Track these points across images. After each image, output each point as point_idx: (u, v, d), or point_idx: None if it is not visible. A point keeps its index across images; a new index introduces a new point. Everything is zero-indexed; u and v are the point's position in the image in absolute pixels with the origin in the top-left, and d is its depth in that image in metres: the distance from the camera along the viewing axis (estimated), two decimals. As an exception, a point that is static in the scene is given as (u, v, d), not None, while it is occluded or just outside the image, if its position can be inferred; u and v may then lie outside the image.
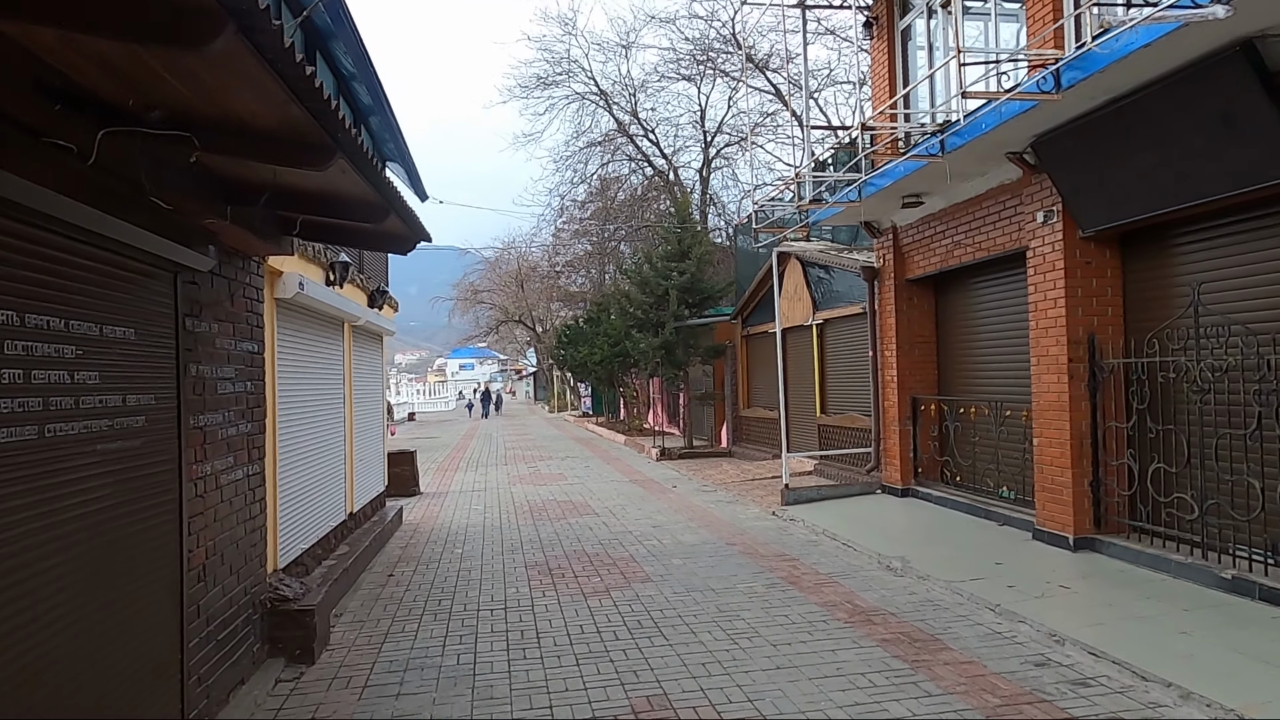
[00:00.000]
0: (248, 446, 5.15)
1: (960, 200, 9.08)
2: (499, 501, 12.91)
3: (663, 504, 12.02)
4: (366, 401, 9.96)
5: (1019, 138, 7.16)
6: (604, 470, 16.95)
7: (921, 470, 10.54)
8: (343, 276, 7.51)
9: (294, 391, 6.69)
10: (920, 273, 10.27)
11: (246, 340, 5.18)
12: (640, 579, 7.52)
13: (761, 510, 11.04)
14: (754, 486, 13.26)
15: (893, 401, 10.78)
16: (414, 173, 12.12)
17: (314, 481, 7.27)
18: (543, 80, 25.98)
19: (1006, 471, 8.81)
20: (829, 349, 13.97)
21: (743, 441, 18.59)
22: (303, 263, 6.69)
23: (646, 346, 19.11)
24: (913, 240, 10.33)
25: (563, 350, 32.34)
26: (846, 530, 8.96)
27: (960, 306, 10.11)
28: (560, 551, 8.88)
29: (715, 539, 9.23)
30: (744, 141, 24.55)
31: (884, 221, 10.84)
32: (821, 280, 14.08)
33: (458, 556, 8.82)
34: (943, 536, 8.40)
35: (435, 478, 16.56)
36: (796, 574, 7.44)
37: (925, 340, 10.70)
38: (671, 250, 19.27)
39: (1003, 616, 5.87)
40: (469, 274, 53.80)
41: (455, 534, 10.18)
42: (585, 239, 31.57)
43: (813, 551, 8.38)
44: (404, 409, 47.50)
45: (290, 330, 6.60)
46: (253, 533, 5.24)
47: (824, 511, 10.19)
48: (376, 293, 9.64)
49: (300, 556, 6.81)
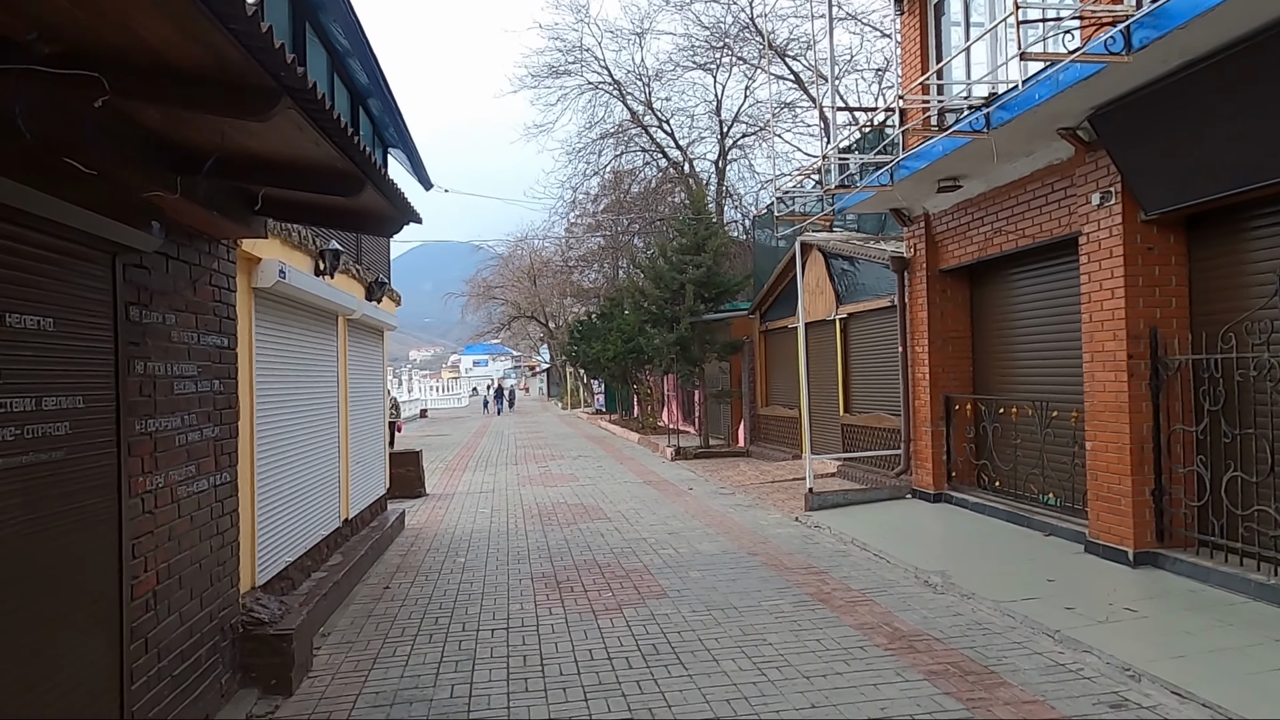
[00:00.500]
0: (214, 453, 4.58)
1: (1002, 184, 8.39)
2: (507, 504, 12.33)
3: (678, 508, 11.41)
4: (365, 400, 9.40)
5: (1075, 110, 6.47)
6: (617, 471, 16.35)
7: (955, 474, 9.87)
8: (334, 265, 6.93)
9: (277, 390, 6.12)
10: (955, 263, 9.58)
11: (214, 333, 4.60)
12: (655, 594, 6.91)
13: (783, 516, 10.39)
14: (774, 489, 12.62)
15: (924, 400, 10.11)
16: (417, 159, 11.55)
17: (301, 488, 6.71)
18: (554, 69, 25.39)
19: (1052, 477, 8.13)
20: (853, 345, 13.29)
21: (760, 441, 17.94)
22: (286, 249, 6.11)
23: (661, 342, 18.48)
24: (947, 228, 9.64)
25: (575, 346, 31.77)
26: (877, 539, 8.31)
27: (998, 299, 9.42)
28: (569, 561, 8.28)
29: (735, 548, 8.61)
30: (762, 131, 23.85)
31: (915, 209, 10.15)
32: (845, 273, 13.40)
33: (460, 566, 8.24)
34: (983, 547, 7.73)
35: (443, 478, 16.02)
36: (826, 590, 6.81)
37: (959, 335, 10.01)
38: (687, 243, 18.62)
39: (1064, 644, 5.21)
40: (481, 270, 53.41)
41: (459, 540, 9.61)
42: (598, 233, 30.97)
43: (842, 563, 7.74)
44: (416, 406, 47.10)
45: (272, 323, 6.02)
46: (222, 549, 4.67)
47: (851, 518, 9.54)
48: (375, 284, 9.07)
49: (285, 570, 6.24)
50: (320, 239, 7.09)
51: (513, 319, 50.69)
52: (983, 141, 7.35)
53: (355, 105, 9.41)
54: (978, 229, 8.98)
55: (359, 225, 4.72)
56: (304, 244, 6.49)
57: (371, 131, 10.46)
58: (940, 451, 9.95)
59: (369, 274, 9.16)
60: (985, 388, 9.71)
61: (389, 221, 4.58)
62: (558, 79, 25.64)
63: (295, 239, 6.25)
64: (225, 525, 4.73)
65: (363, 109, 9.80)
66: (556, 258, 37.47)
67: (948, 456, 9.93)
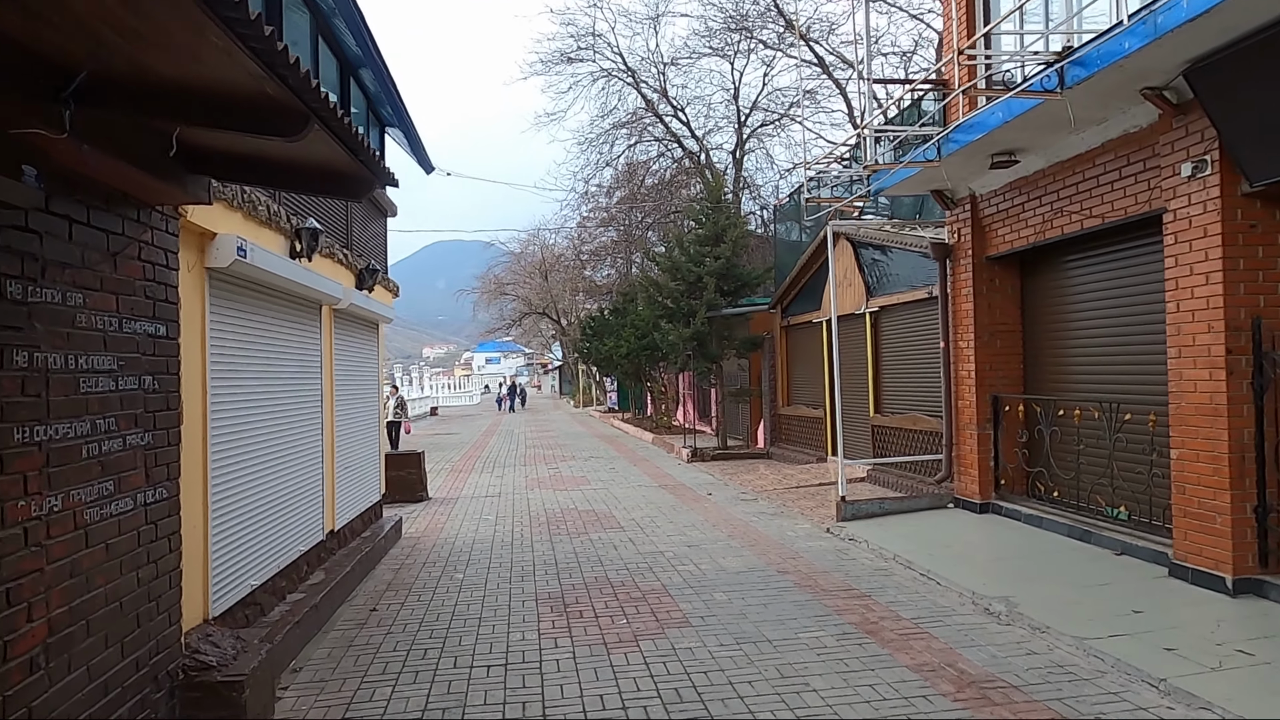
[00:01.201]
0: (144, 464, 3.76)
1: (1065, 158, 7.46)
2: (513, 510, 11.51)
3: (697, 516, 10.54)
4: (356, 399, 8.59)
5: (1168, 64, 5.55)
6: (630, 473, 15.50)
7: (1005, 482, 8.94)
8: (311, 246, 6.10)
9: (240, 388, 5.30)
10: (1005, 248, 8.65)
11: (144, 319, 3.77)
12: (676, 621, 6.05)
13: (813, 526, 9.51)
14: (800, 495, 11.73)
15: (969, 401, 9.19)
16: (416, 140, 10.73)
17: (273, 499, 5.89)
18: (566, 55, 24.50)
19: (1124, 488, 7.20)
20: (885, 340, 12.37)
21: (781, 442, 17.03)
22: (251, 225, 5.29)
23: (676, 338, 17.61)
24: (997, 211, 8.71)
25: (587, 343, 30.93)
26: (922, 556, 7.42)
27: (1055, 288, 8.49)
28: (579, 579, 7.44)
29: (763, 564, 7.74)
30: (784, 117, 22.92)
31: (960, 190, 9.23)
32: (876, 263, 12.48)
33: (457, 584, 7.41)
34: (1047, 568, 6.82)
35: (447, 480, 15.23)
36: (872, 619, 5.92)
37: (1009, 329, 9.09)
38: (705, 233, 17.72)
39: (1174, 699, 4.31)
40: (493, 267, 52.77)
41: (459, 552, 8.78)
42: (611, 227, 30.10)
43: (885, 585, 6.85)
44: (427, 404, 46.44)
45: (233, 310, 5.20)
46: (155, 581, 3.85)
47: (889, 530, 8.64)
48: (365, 271, 8.25)
49: (251, 595, 5.42)
50: (297, 217, 6.26)
51: (523, 315, 49.99)
52: (1048, 108, 6.44)
53: (345, 76, 8.58)
54: (1034, 210, 8.06)
55: (321, 186, 3.91)
56: (274, 220, 5.66)
57: (365, 108, 9.64)
58: (987, 457, 9.03)
59: (359, 260, 8.34)
60: (1039, 387, 8.78)
61: (355, 181, 3.74)
62: (569, 65, 24.80)
63: (263, 214, 5.43)
64: (161, 551, 3.91)
65: (355, 81, 8.97)
66: (569, 252, 36.64)
67: (995, 463, 9.01)
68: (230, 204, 4.83)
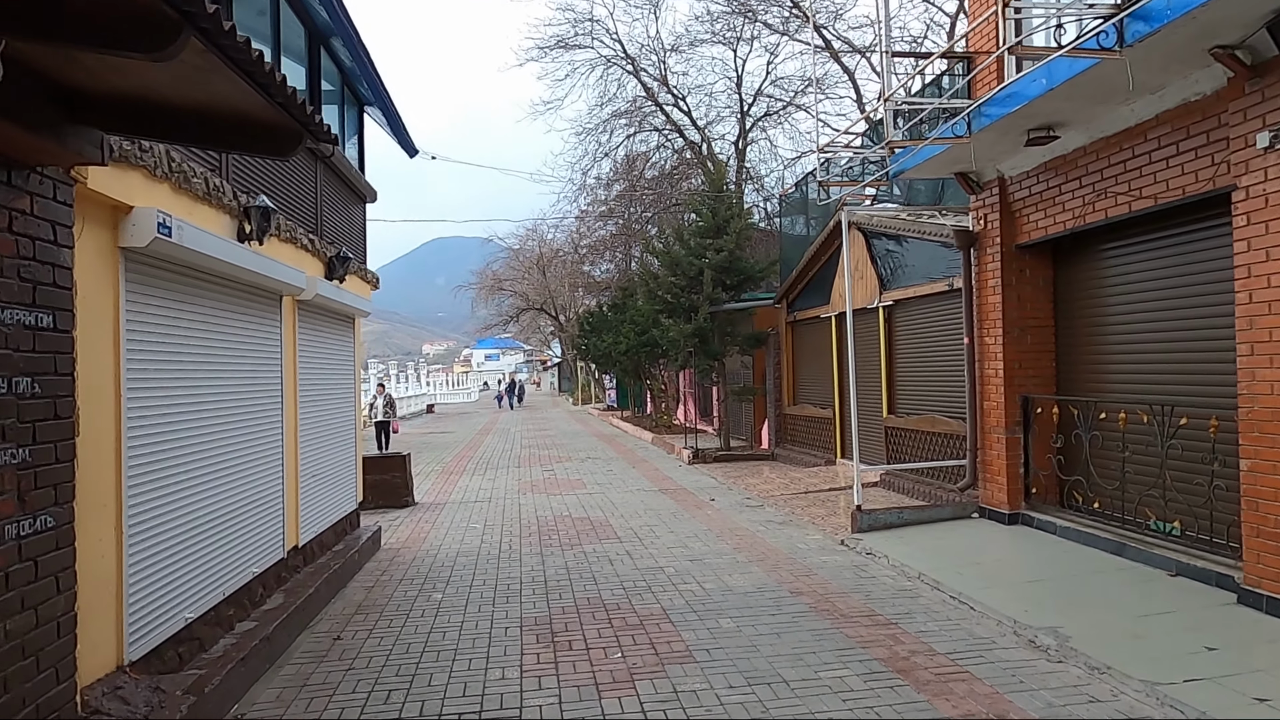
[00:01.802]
0: (15, 488, 3.01)
1: (1111, 133, 6.71)
2: (503, 517, 10.77)
3: (700, 524, 9.80)
4: (328, 400, 7.84)
5: (1252, 14, 4.80)
6: (629, 475, 14.76)
7: (1036, 491, 8.20)
8: (262, 228, 5.35)
9: (169, 390, 4.56)
10: (1038, 235, 7.90)
11: (16, 307, 3.03)
12: (678, 654, 5.31)
13: (825, 538, 8.77)
14: (809, 502, 10.99)
15: (996, 402, 8.45)
16: (397, 120, 9.97)
17: (215, 518, 5.14)
18: (563, 42, 23.69)
19: (1178, 501, 6.46)
20: (899, 336, 11.63)
21: (787, 443, 16.29)
22: (182, 199, 4.53)
23: (677, 334, 16.87)
24: (1029, 194, 7.96)
25: (585, 340, 30.16)
26: (951, 575, 6.69)
27: (1093, 278, 7.75)
28: (570, 600, 6.70)
29: (773, 583, 7.00)
30: (788, 107, 22.16)
31: (987, 171, 8.47)
32: (890, 254, 11.73)
33: (434, 606, 6.67)
34: (1093, 591, 6.08)
35: (436, 483, 14.48)
36: (902, 653, 5.18)
37: (1040, 323, 8.34)
38: (706, 225, 16.96)
39: (1281, 768, 3.57)
40: (491, 263, 52.07)
41: (440, 566, 8.04)
42: (610, 221, 29.32)
43: (912, 610, 6.11)
44: (423, 401, 45.67)
45: (160, 299, 4.45)
46: (34, 634, 3.11)
47: (910, 543, 7.91)
48: (336, 259, 7.50)
49: (187, 630, 4.68)
50: (248, 195, 5.51)
51: (521, 311, 49.27)
52: (1099, 74, 5.69)
53: (314, 46, 7.82)
54: (1072, 192, 7.30)
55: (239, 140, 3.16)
56: (216, 196, 4.90)
57: (340, 83, 8.88)
58: (1017, 463, 8.28)
59: (329, 247, 7.59)
60: (1073, 387, 8.03)
61: (279, 133, 2.99)
62: (567, 52, 24.00)
63: (199, 188, 4.67)
64: (43, 595, 3.16)
65: (327, 53, 8.21)
66: (567, 246, 35.89)
67: (1026, 470, 8.26)
68: (151, 172, 4.08)
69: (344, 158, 8.51)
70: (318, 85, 7.91)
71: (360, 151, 9.78)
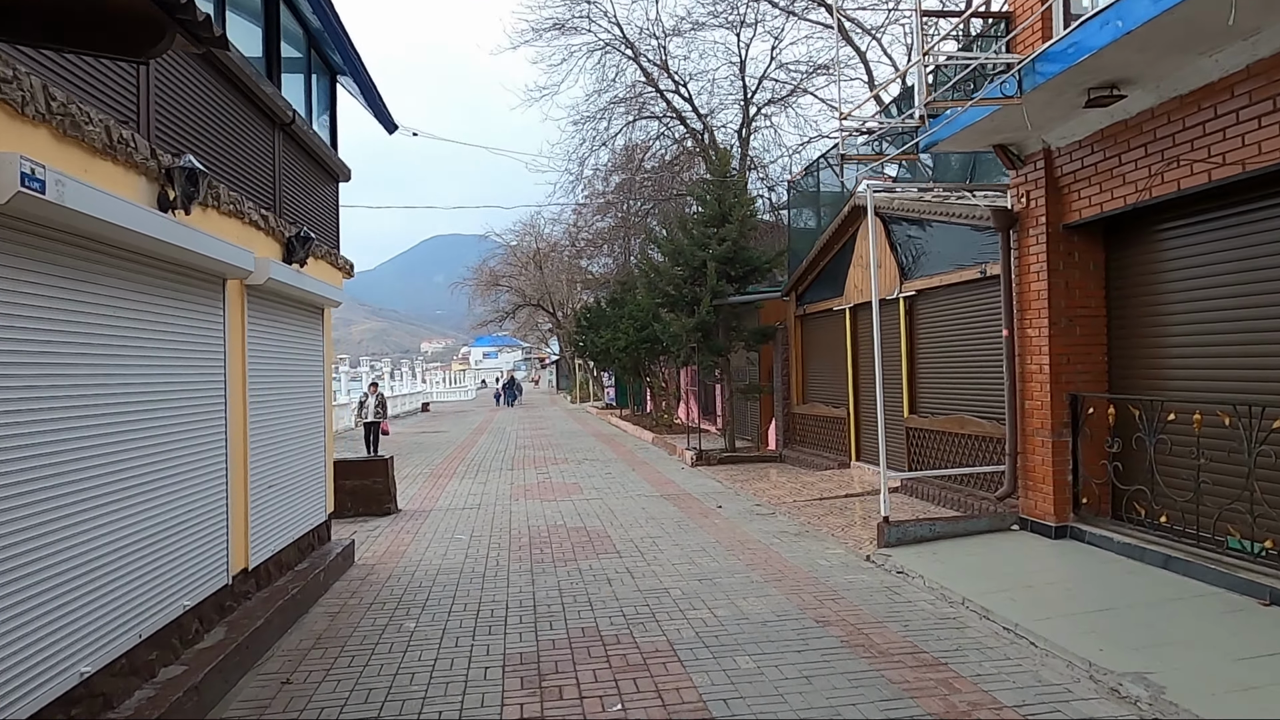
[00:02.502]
0: None
1: (1187, 90, 5.81)
2: (492, 527, 9.87)
3: (707, 536, 8.91)
4: (289, 400, 6.94)
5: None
6: (629, 479, 13.86)
7: (1086, 501, 7.31)
8: (188, 194, 4.43)
9: (42, 390, 3.65)
10: (1091, 213, 7.00)
11: None
12: (690, 707, 4.41)
13: (848, 552, 7.88)
14: (825, 510, 10.09)
15: (1040, 401, 7.55)
16: (374, 92, 9.06)
17: (125, 545, 4.24)
18: (559, 24, 22.74)
19: (1270, 517, 5.56)
20: (922, 329, 10.73)
21: (796, 444, 15.40)
22: (73, 151, 3.62)
23: (679, 329, 15.96)
24: (1081, 166, 7.06)
25: (582, 336, 29.24)
26: (1001, 601, 5.79)
27: (1154, 260, 6.85)
28: (562, 631, 5.80)
29: (795, 609, 6.11)
30: (795, 91, 21.23)
31: (1030, 143, 7.57)
32: (911, 240, 10.83)
33: (405, 638, 5.77)
34: (1177, 624, 5.18)
35: (423, 488, 13.58)
36: (962, 707, 4.28)
37: (1090, 313, 7.45)
38: (709, 213, 16.04)
39: None
40: (488, 259, 51.23)
41: (418, 587, 7.14)
42: (608, 214, 28.38)
43: (962, 645, 5.22)
44: (418, 399, 44.74)
45: (32, 274, 3.54)
46: None
47: (946, 560, 7.02)
48: (296, 239, 6.58)
49: (85, 685, 3.78)
50: (169, 151, 4.59)
51: (517, 307, 48.37)
52: (1186, 15, 4.79)
53: (273, 2, 6.89)
54: (1135, 163, 6.40)
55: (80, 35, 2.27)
56: (123, 151, 3.98)
57: (307, 47, 7.96)
58: (1064, 470, 7.39)
59: (289, 226, 6.67)
60: (1130, 384, 7.14)
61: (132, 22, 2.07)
62: (563, 37, 23.03)
63: (98, 138, 3.76)
64: None
65: (288, 8, 7.29)
66: (564, 240, 34.95)
67: (1074, 477, 7.37)
68: (18, 110, 3.17)
69: (311, 130, 7.60)
70: (276, 49, 6.99)
71: (333, 125, 8.87)
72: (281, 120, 6.71)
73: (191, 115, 5.10)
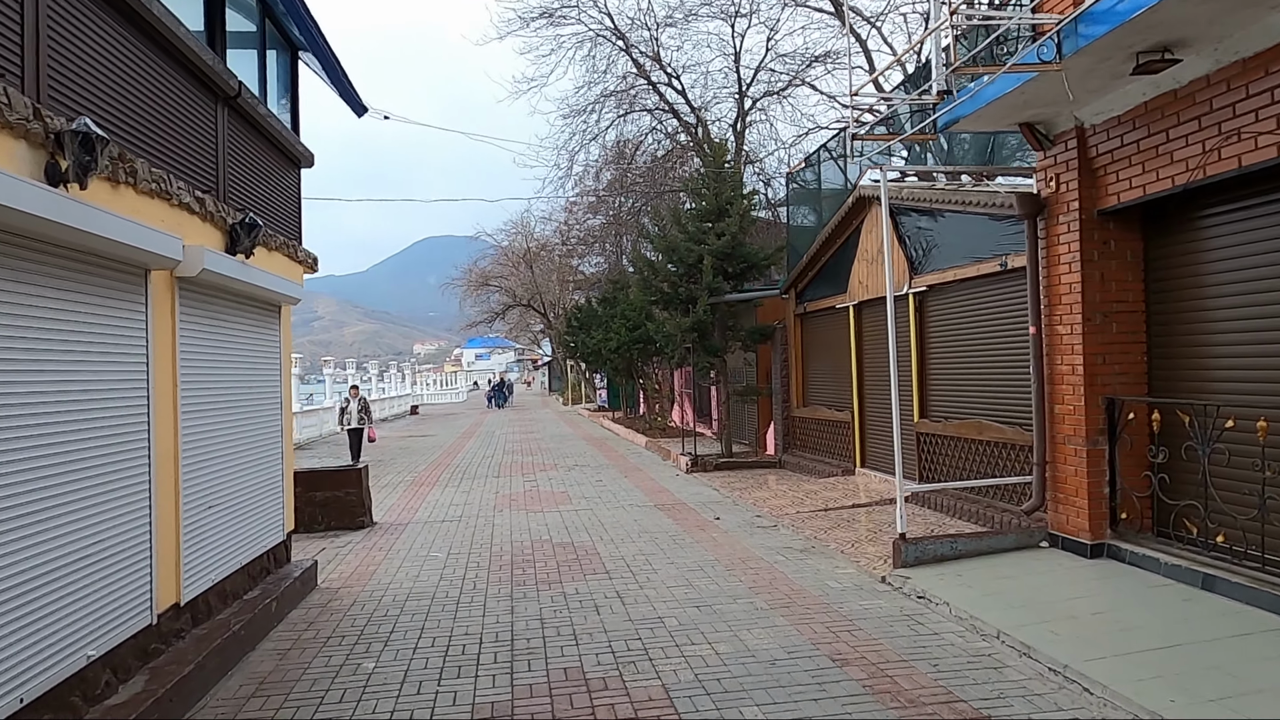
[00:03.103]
0: None
1: (1252, 52, 5.11)
2: (472, 542, 9.11)
3: (704, 552, 8.18)
4: (236, 407, 6.18)
5: None
6: (620, 487, 13.12)
7: (1126, 516, 6.61)
8: (84, 165, 3.67)
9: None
10: (1131, 197, 6.30)
11: None
12: (689, 777, 3.67)
13: (860, 572, 7.16)
14: (831, 523, 9.37)
15: (1072, 405, 6.85)
16: (338, 70, 8.30)
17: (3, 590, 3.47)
18: (547, 12, 21.97)
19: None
20: (934, 327, 10.02)
21: (796, 449, 14.68)
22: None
23: (674, 328, 15.23)
24: (1120, 144, 6.35)
25: (571, 337, 28.46)
26: (1040, 633, 5.08)
27: (1199, 248, 6.16)
28: (541, 672, 5.06)
29: (807, 643, 5.38)
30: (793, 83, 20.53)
31: (1060, 120, 6.86)
32: (922, 232, 10.13)
33: (361, 683, 5.01)
34: (1256, 667, 4.46)
35: (403, 497, 12.81)
36: (1017, 779, 3.55)
37: (1128, 307, 6.75)
38: (706, 207, 15.31)
39: None
40: (479, 259, 50.46)
41: (382, 617, 6.39)
42: (600, 213, 27.63)
43: (1004, 690, 4.49)
44: (407, 402, 43.85)
45: None
46: None
47: (972, 584, 6.30)
48: (241, 226, 5.82)
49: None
50: (65, 115, 3.83)
51: (507, 308, 47.59)
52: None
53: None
54: (1186, 138, 5.70)
55: None
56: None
57: (261, 18, 7.19)
58: (1100, 482, 6.68)
59: (233, 211, 5.90)
60: (1173, 386, 6.44)
61: None
62: (552, 25, 22.26)
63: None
64: None
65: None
66: (555, 239, 34.18)
67: (1111, 489, 6.67)
68: None
69: (264, 109, 6.84)
70: (221, 15, 6.22)
71: (294, 107, 8.11)
72: (225, 94, 5.95)
73: (101, 77, 4.34)
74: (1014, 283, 8.15)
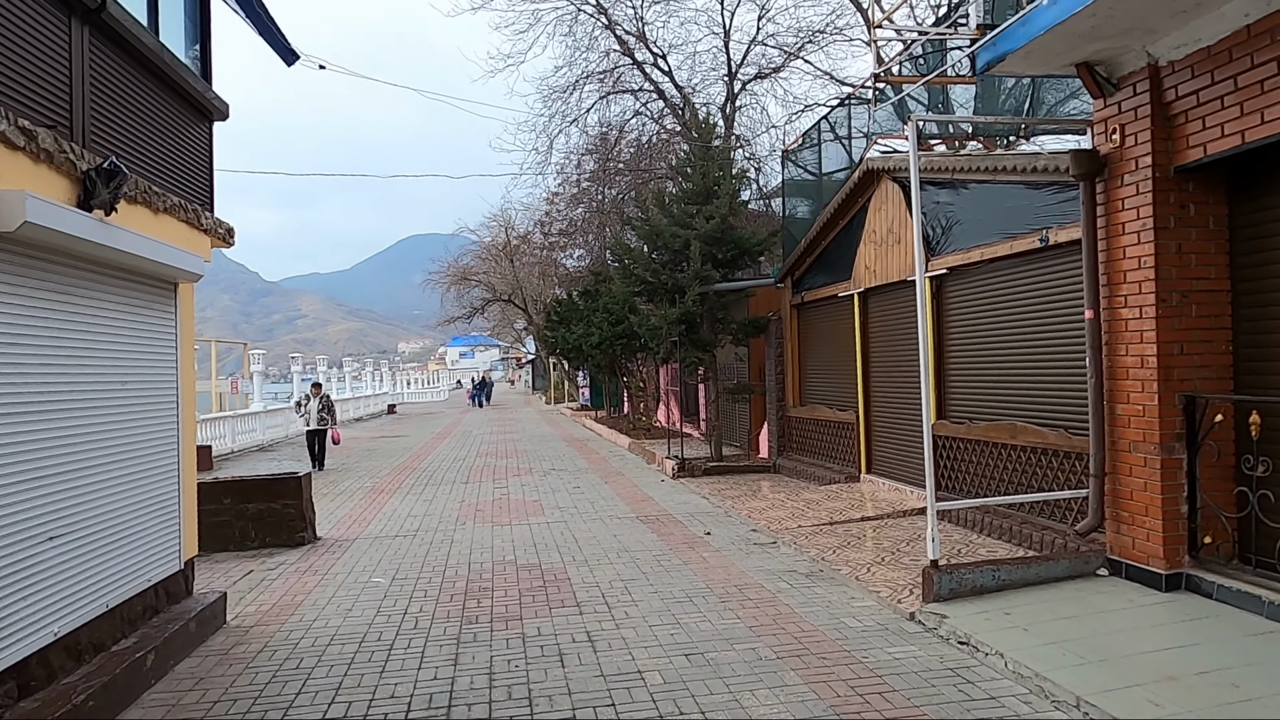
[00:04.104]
0: None
1: None
2: (424, 564, 7.82)
3: (694, 577, 6.94)
4: (100, 408, 4.86)
5: None
6: (600, 494, 11.85)
7: (1209, 540, 5.41)
8: None
9: None
10: (1223, 147, 5.10)
11: None
12: None
13: (882, 606, 5.93)
14: (839, 540, 8.14)
15: (1140, 405, 5.64)
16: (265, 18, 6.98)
17: None
18: (524, -14, 20.59)
19: None
20: (955, 315, 8.81)
21: (793, 452, 13.46)
22: None
23: (659, 322, 13.95)
24: (1210, 83, 5.15)
25: (551, 332, 27.15)
26: (1136, 702, 3.88)
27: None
28: (479, 764, 3.79)
29: (824, 707, 4.14)
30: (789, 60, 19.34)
31: (1127, 59, 5.65)
32: (940, 208, 8.91)
33: (234, 780, 3.72)
34: None
35: (357, 506, 11.47)
36: None
37: (1210, 285, 5.55)
38: (694, 188, 14.05)
39: None
40: (460, 255, 49.06)
41: (291, 673, 5.08)
42: (581, 204, 26.31)
43: (1109, 798, 3.26)
44: (383, 401, 42.33)
45: None
46: None
47: (1028, 625, 5.08)
48: (99, 173, 4.49)
49: None
50: None
51: (487, 303, 46.16)
52: None
53: None
54: (1304, 67, 4.50)
55: None
56: None
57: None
58: (1176, 498, 5.48)
59: (89, 156, 4.57)
60: (1266, 381, 5.25)
61: None
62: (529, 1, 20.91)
63: None
64: None
65: None
66: (536, 232, 32.82)
67: (1190, 507, 5.46)
68: None
69: (151, 39, 5.51)
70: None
71: (204, 49, 6.77)
72: (83, 5, 4.63)
73: None
74: (1057, 260, 6.95)
